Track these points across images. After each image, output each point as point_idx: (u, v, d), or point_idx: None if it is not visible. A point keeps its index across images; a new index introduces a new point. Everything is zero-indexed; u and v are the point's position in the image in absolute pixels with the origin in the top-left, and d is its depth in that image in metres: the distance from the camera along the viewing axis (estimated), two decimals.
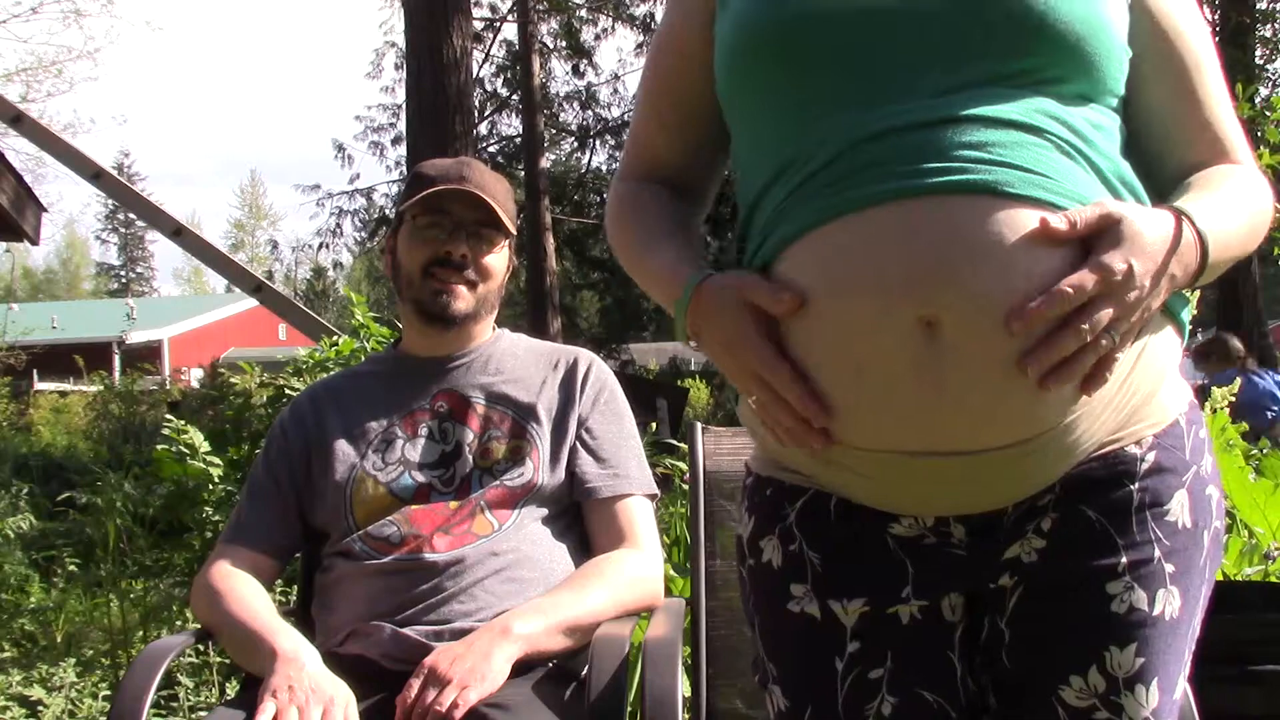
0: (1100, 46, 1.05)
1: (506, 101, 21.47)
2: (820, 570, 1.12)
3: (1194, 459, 1.12)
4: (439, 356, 1.91)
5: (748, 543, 1.19)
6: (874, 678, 1.10)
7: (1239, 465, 2.61)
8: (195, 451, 4.03)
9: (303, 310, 8.10)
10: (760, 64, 1.10)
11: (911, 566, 1.10)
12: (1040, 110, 1.03)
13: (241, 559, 1.81)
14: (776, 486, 1.16)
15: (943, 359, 0.98)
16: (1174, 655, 1.09)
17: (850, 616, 1.11)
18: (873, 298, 0.99)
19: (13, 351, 14.05)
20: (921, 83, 1.03)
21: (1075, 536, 1.07)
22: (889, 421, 1.01)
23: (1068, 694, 1.08)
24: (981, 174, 0.99)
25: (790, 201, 1.06)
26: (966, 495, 1.05)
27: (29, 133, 8.19)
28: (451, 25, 8.34)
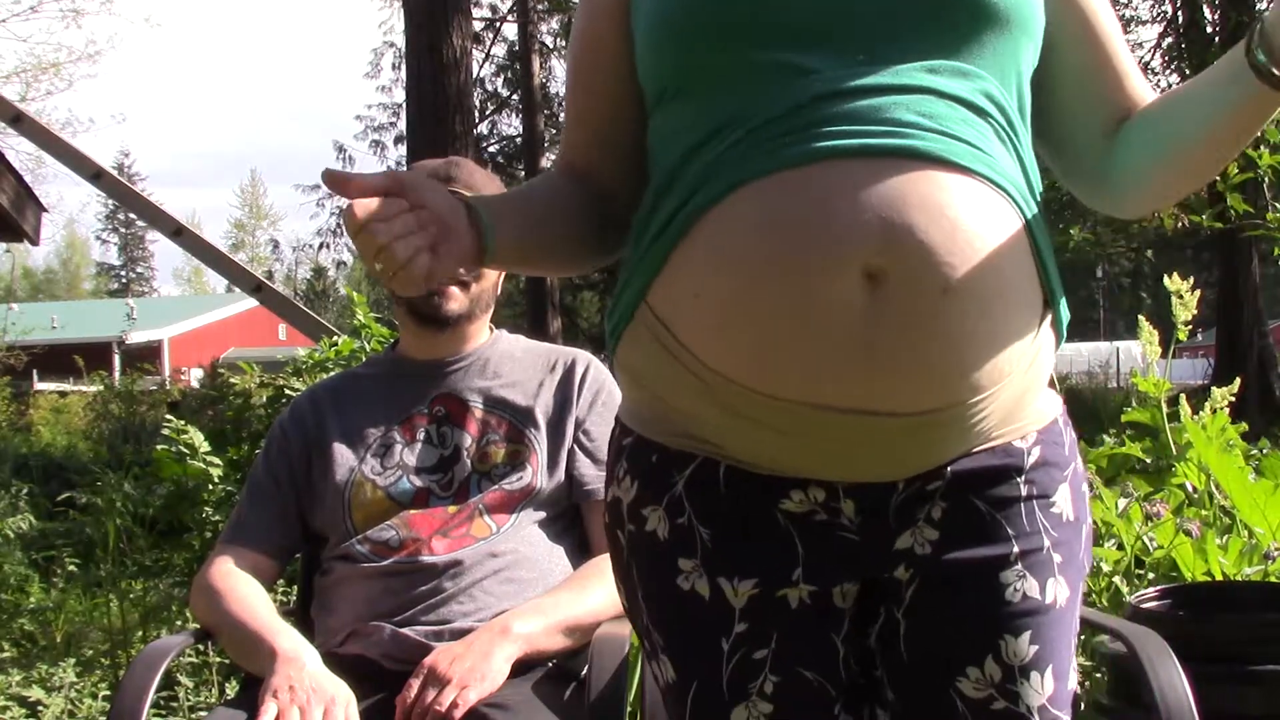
0: (1029, 18, 1.10)
1: (506, 101, 21.49)
2: (710, 546, 1.11)
3: (1071, 456, 1.16)
4: (436, 359, 1.90)
5: (628, 508, 1.17)
6: (758, 658, 1.11)
7: (1239, 465, 2.60)
8: (195, 451, 4.02)
9: (303, 310, 8.09)
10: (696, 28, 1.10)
11: (802, 547, 1.10)
12: (984, 92, 1.07)
13: (241, 559, 1.81)
14: (661, 451, 1.14)
15: (879, 313, 1.00)
16: (1064, 644, 1.11)
17: (740, 599, 1.11)
18: (819, 247, 1.00)
19: (13, 351, 14.05)
20: (872, 51, 1.05)
21: (967, 527, 1.09)
22: (813, 372, 1.02)
23: (965, 685, 1.09)
24: (932, 142, 1.03)
25: (729, 154, 1.06)
26: (870, 459, 1.06)
27: (29, 132, 8.18)
28: (451, 25, 8.34)
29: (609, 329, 1.18)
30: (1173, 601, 2.13)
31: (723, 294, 1.04)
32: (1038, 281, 1.09)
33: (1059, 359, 1.23)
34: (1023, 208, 1.07)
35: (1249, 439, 3.32)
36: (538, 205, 1.21)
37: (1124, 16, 17.90)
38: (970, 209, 1.02)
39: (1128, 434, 3.57)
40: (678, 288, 1.08)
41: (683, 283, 1.08)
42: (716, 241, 1.05)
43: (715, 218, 1.06)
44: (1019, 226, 1.06)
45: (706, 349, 1.06)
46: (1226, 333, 15.85)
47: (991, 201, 1.04)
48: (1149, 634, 1.55)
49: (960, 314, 1.01)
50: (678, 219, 1.08)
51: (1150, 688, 1.45)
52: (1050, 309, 1.11)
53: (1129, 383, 3.36)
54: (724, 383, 1.06)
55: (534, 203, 1.21)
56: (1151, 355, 3.10)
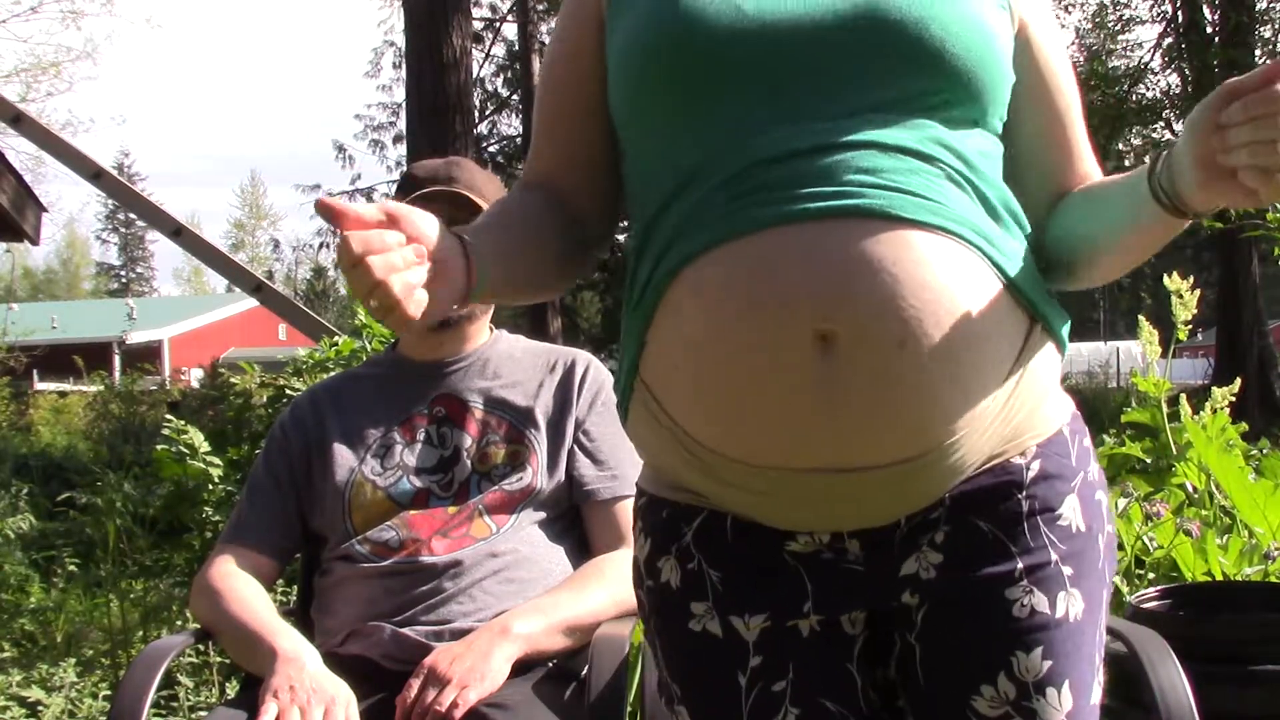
0: (991, 75, 1.10)
1: (506, 101, 21.48)
2: (721, 588, 1.12)
3: (1080, 465, 1.14)
4: (436, 360, 1.90)
5: (645, 564, 1.19)
6: (777, 690, 1.11)
7: (1239, 465, 2.60)
8: (195, 451, 4.02)
9: (303, 310, 8.09)
10: (658, 81, 1.12)
11: (810, 583, 1.11)
12: (932, 138, 1.07)
13: (242, 559, 1.81)
14: (671, 507, 1.16)
15: (836, 374, 1.01)
16: (1083, 658, 1.11)
17: (752, 632, 1.11)
18: (771, 313, 1.01)
19: (13, 352, 14.04)
20: (820, 105, 1.06)
21: (970, 548, 1.09)
22: (782, 437, 1.03)
23: (980, 704, 1.09)
24: (875, 199, 1.03)
25: (689, 218, 1.07)
26: (857, 511, 1.07)
27: (29, 132, 8.18)
28: (451, 25, 8.33)
29: (618, 404, 1.19)
30: (1173, 601, 2.13)
31: (693, 366, 1.06)
32: (1013, 306, 1.08)
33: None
34: (983, 247, 1.07)
35: (1249, 439, 3.32)
36: (519, 237, 1.19)
37: (1124, 16, 17.89)
38: (918, 260, 1.02)
39: (1128, 434, 3.57)
40: (661, 361, 1.10)
41: (663, 356, 1.10)
42: (682, 313, 1.07)
43: (679, 287, 1.07)
44: (977, 263, 1.06)
45: (687, 420, 1.08)
46: (1226, 333, 15.86)
47: (943, 248, 1.04)
48: (1149, 634, 1.55)
49: (918, 366, 1.01)
50: (650, 289, 1.10)
51: (1150, 688, 1.45)
52: (1037, 322, 1.10)
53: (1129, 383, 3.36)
54: (704, 450, 1.08)
55: (515, 234, 1.19)
56: (1151, 355, 3.10)
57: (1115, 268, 1.17)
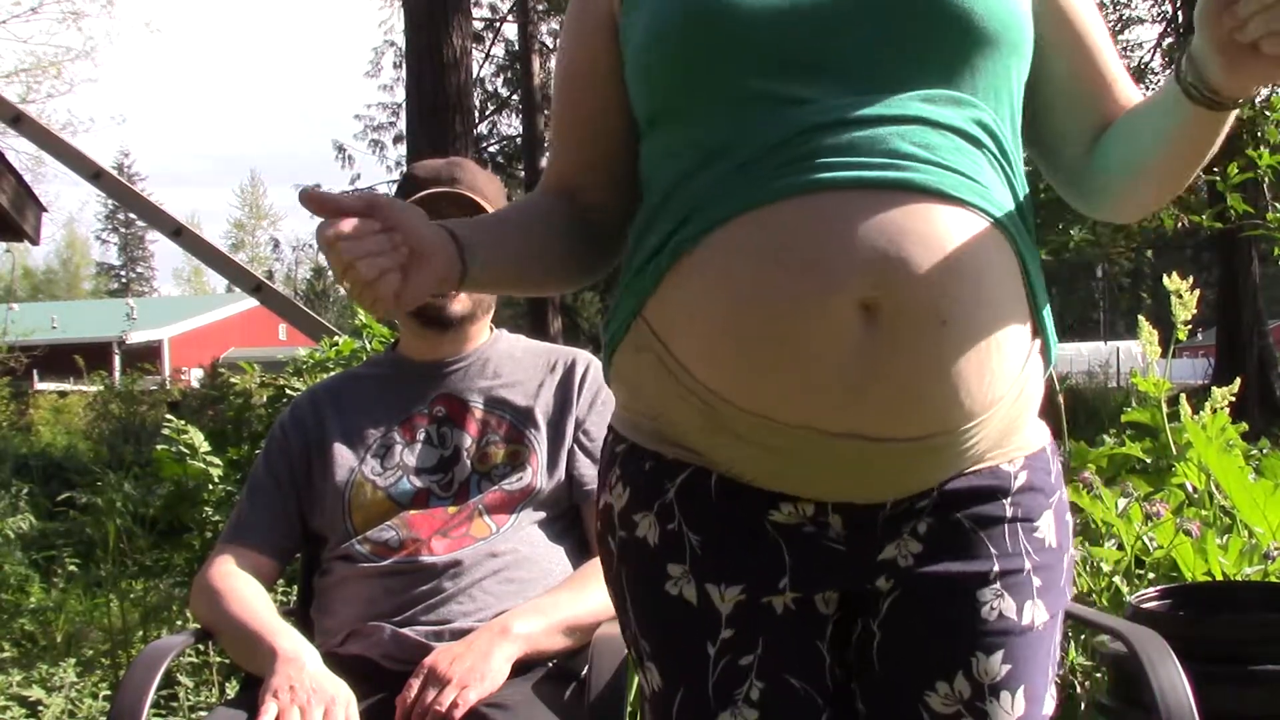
0: (1019, 38, 1.11)
1: (506, 101, 21.50)
2: (700, 552, 1.12)
3: (1057, 485, 1.17)
4: (436, 360, 1.90)
5: (619, 514, 1.17)
6: (744, 664, 1.11)
7: (1239, 465, 2.60)
8: (195, 451, 4.03)
9: (303, 310, 8.09)
10: (688, 64, 1.11)
11: (789, 557, 1.11)
12: (977, 121, 1.08)
13: (242, 559, 1.81)
14: (655, 459, 1.14)
15: (876, 344, 1.01)
16: (1039, 667, 1.12)
17: (726, 604, 1.11)
18: (816, 278, 1.01)
19: (13, 352, 14.04)
20: (863, 78, 1.06)
21: (950, 543, 1.10)
22: (812, 400, 1.03)
23: (933, 700, 1.10)
24: (927, 174, 1.04)
25: (725, 182, 1.07)
26: (862, 482, 1.07)
27: (29, 132, 8.18)
28: (451, 25, 8.33)
29: (604, 339, 1.18)
30: (1173, 601, 2.13)
31: (718, 317, 1.06)
32: (1028, 312, 1.10)
33: (1059, 359, 1.23)
34: (1016, 237, 1.08)
35: (1249, 439, 3.32)
36: (523, 226, 1.21)
37: (1124, 16, 17.89)
38: (966, 242, 1.03)
39: (1128, 434, 3.57)
40: (673, 307, 1.09)
41: (678, 303, 1.09)
42: (713, 268, 1.06)
43: (711, 245, 1.07)
44: (1012, 258, 1.08)
45: (700, 364, 1.07)
46: (1226, 333, 15.85)
47: (986, 233, 1.05)
48: (1149, 634, 1.55)
49: (955, 345, 1.02)
50: (672, 243, 1.09)
51: (1150, 688, 1.45)
52: (1039, 337, 1.12)
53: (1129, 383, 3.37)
54: (719, 401, 1.07)
55: (519, 224, 1.22)
56: (1151, 355, 3.10)
57: (1166, 188, 1.16)
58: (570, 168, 1.26)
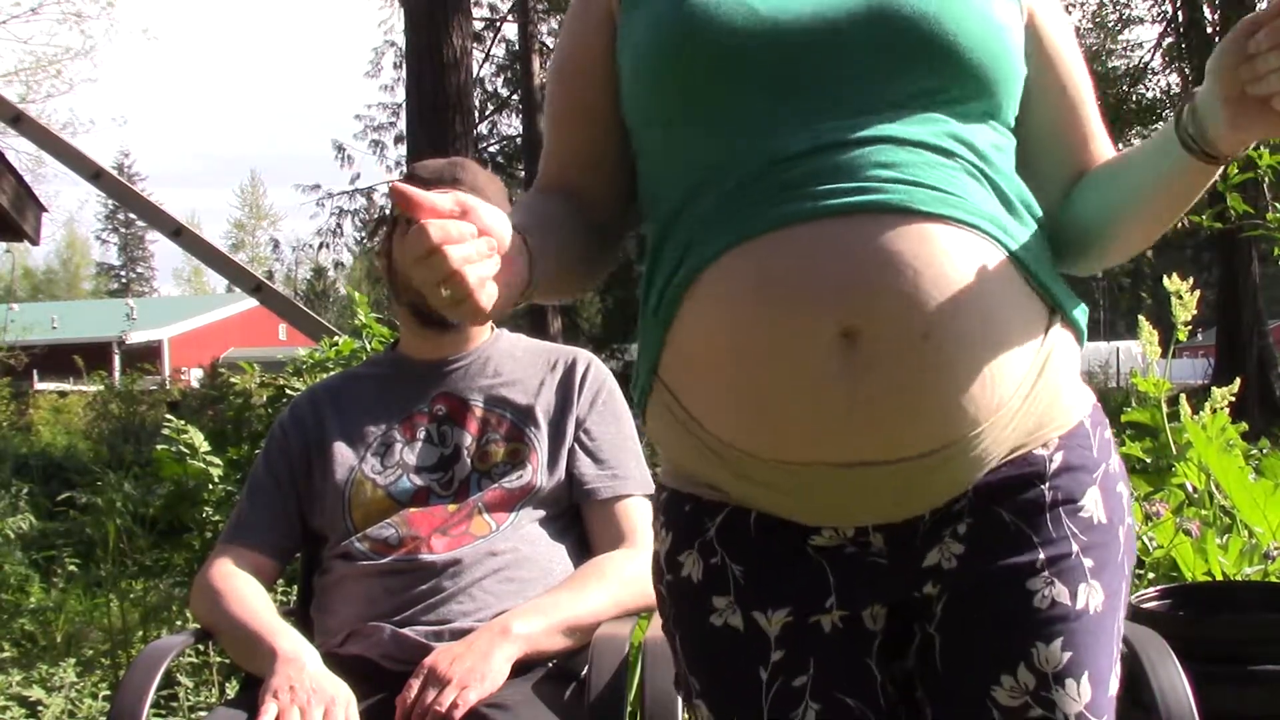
0: (1003, 70, 1.11)
1: (506, 101, 21.49)
2: (743, 582, 1.13)
3: (1102, 457, 1.15)
4: (437, 359, 1.90)
5: (665, 558, 1.19)
6: (798, 685, 1.11)
7: (1239, 465, 2.60)
8: (195, 451, 4.03)
9: (303, 310, 8.09)
10: (671, 83, 1.12)
11: (833, 576, 1.11)
12: (948, 133, 1.08)
13: (242, 559, 1.81)
14: (694, 502, 1.16)
15: (860, 369, 1.01)
16: (1103, 650, 1.11)
17: (774, 626, 1.12)
18: (795, 311, 1.02)
19: (13, 351, 14.04)
20: (834, 103, 1.07)
21: (992, 538, 1.10)
22: (807, 433, 1.04)
23: (1000, 694, 1.09)
24: (895, 193, 1.04)
25: (707, 220, 1.08)
26: (882, 505, 1.08)
27: (29, 132, 8.19)
28: (451, 25, 8.33)
29: (635, 403, 1.20)
30: (1173, 601, 2.13)
31: (715, 365, 1.07)
32: (1033, 298, 1.09)
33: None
34: (1001, 239, 1.08)
35: (1249, 439, 3.32)
36: (554, 237, 1.19)
37: (1124, 16, 17.89)
38: (940, 253, 1.03)
39: (1128, 434, 3.57)
40: (680, 360, 1.11)
41: (683, 355, 1.10)
42: (703, 314, 1.08)
43: (699, 289, 1.08)
44: (998, 258, 1.07)
45: (710, 418, 1.09)
46: (1226, 333, 15.86)
47: (963, 242, 1.05)
48: (1149, 634, 1.55)
49: (942, 358, 1.02)
50: (669, 292, 1.10)
51: (1150, 688, 1.45)
52: (1057, 314, 1.11)
53: (1129, 383, 3.37)
54: (729, 450, 1.08)
55: (551, 234, 1.19)
56: (1151, 355, 3.10)
57: (1141, 236, 1.17)
58: (564, 164, 1.26)
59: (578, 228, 1.22)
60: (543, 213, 1.22)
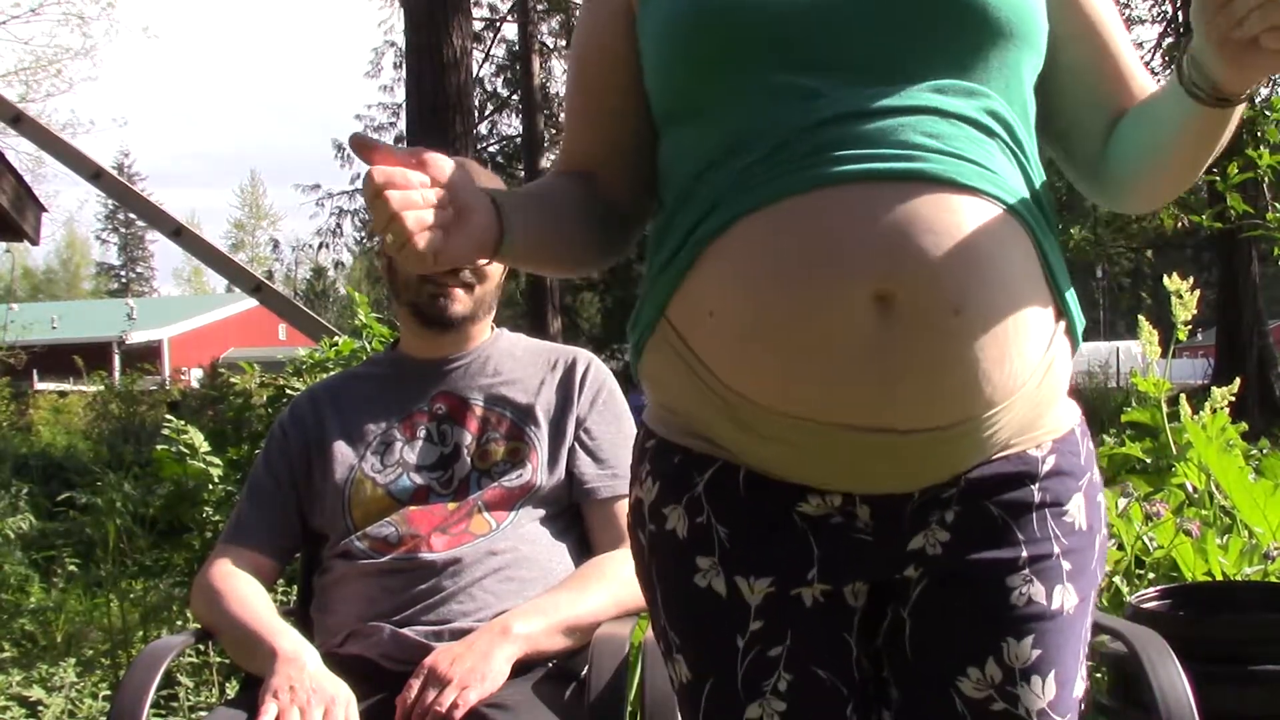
0: (1033, 29, 1.11)
1: (506, 101, 21.50)
2: (728, 545, 1.13)
3: (1087, 466, 1.16)
4: (437, 358, 1.90)
5: (649, 508, 1.18)
6: (773, 655, 1.12)
7: (1239, 465, 2.60)
8: (195, 451, 4.03)
9: (303, 310, 8.09)
10: (704, 57, 1.11)
11: (818, 548, 1.11)
12: (987, 110, 1.08)
13: (242, 559, 1.81)
14: (684, 454, 1.15)
15: (891, 335, 1.01)
16: (1070, 652, 1.12)
17: (756, 596, 1.12)
18: (829, 271, 1.02)
19: (13, 351, 14.04)
20: (876, 70, 1.07)
21: (978, 530, 1.10)
22: (830, 393, 1.03)
23: (965, 685, 1.10)
24: (939, 164, 1.04)
25: (741, 178, 1.07)
26: (885, 473, 1.08)
27: (29, 132, 8.18)
28: (451, 25, 8.34)
29: (632, 341, 1.19)
30: (1173, 601, 2.13)
31: (737, 315, 1.06)
32: (1049, 294, 1.10)
33: None
34: (1031, 224, 1.08)
35: (1249, 439, 3.33)
36: (552, 204, 1.20)
37: (1124, 16, 17.88)
38: (979, 229, 1.04)
39: (1128, 434, 3.58)
40: (694, 305, 1.10)
41: (699, 301, 1.10)
42: (730, 265, 1.07)
43: (728, 242, 1.07)
44: (1028, 243, 1.08)
45: (722, 366, 1.08)
46: (1226, 333, 15.86)
47: (1000, 220, 1.06)
48: (1149, 634, 1.55)
49: (971, 333, 1.02)
50: (691, 241, 1.10)
51: (1150, 688, 1.45)
52: (1063, 319, 1.12)
53: (1129, 383, 3.37)
54: (739, 399, 1.08)
55: (549, 201, 1.21)
56: (1151, 355, 3.10)
57: (1184, 174, 1.16)
58: (584, 151, 1.26)
59: (583, 205, 1.22)
60: (543, 186, 1.23)
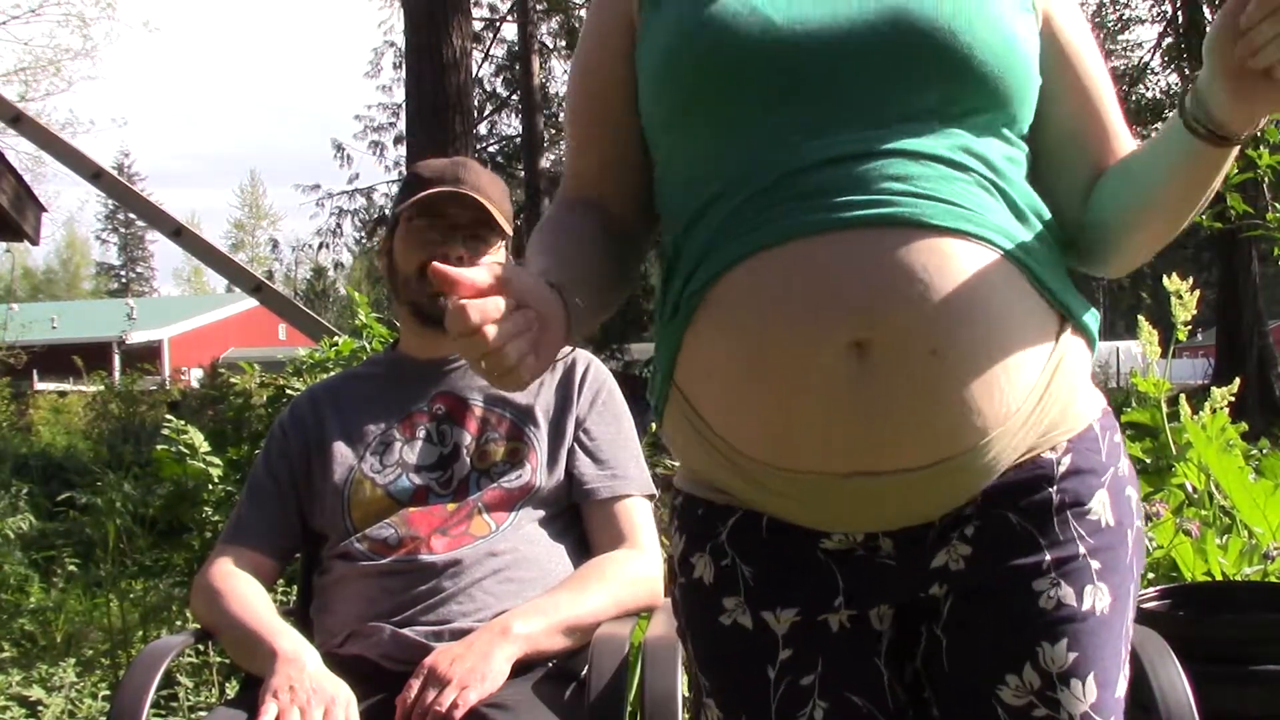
0: (1018, 81, 1.11)
1: (506, 101, 21.48)
2: (753, 584, 1.14)
3: (1110, 460, 1.15)
4: (437, 358, 1.90)
5: (679, 561, 1.20)
6: (805, 684, 1.12)
7: (1239, 465, 2.60)
8: (195, 451, 4.03)
9: (303, 310, 8.09)
10: (687, 95, 1.13)
11: (842, 578, 1.12)
12: (961, 146, 1.09)
13: (242, 559, 1.81)
14: (707, 506, 1.17)
15: (872, 381, 1.02)
16: (1110, 652, 1.12)
17: (782, 625, 1.13)
18: (807, 323, 1.03)
19: (13, 351, 14.04)
20: (849, 115, 1.08)
21: (999, 540, 1.10)
22: (818, 443, 1.05)
23: (1005, 693, 1.10)
24: (907, 206, 1.05)
25: (721, 229, 1.09)
26: (891, 512, 1.09)
27: (29, 132, 8.18)
28: (451, 25, 8.33)
29: (653, 406, 1.20)
30: (1173, 601, 2.13)
31: (728, 375, 1.08)
32: (1045, 309, 1.10)
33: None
34: (1012, 250, 1.08)
35: (1249, 439, 3.32)
36: (591, 263, 1.18)
37: (1124, 17, 17.88)
38: (952, 268, 1.04)
39: (1128, 434, 3.57)
40: (696, 368, 1.12)
41: (698, 364, 1.11)
42: (717, 323, 1.09)
43: (714, 298, 1.09)
44: (1007, 268, 1.07)
45: (723, 426, 1.10)
46: (1226, 333, 15.86)
47: (973, 255, 1.06)
48: (1149, 634, 1.55)
49: (952, 371, 1.03)
50: (685, 300, 1.12)
51: (1150, 688, 1.45)
52: (1069, 321, 1.12)
53: (1129, 383, 3.36)
54: (742, 458, 1.09)
55: (588, 260, 1.19)
56: (1151, 355, 3.10)
57: (1161, 231, 1.16)
58: (588, 172, 1.27)
59: (606, 251, 1.22)
60: (570, 247, 1.20)
